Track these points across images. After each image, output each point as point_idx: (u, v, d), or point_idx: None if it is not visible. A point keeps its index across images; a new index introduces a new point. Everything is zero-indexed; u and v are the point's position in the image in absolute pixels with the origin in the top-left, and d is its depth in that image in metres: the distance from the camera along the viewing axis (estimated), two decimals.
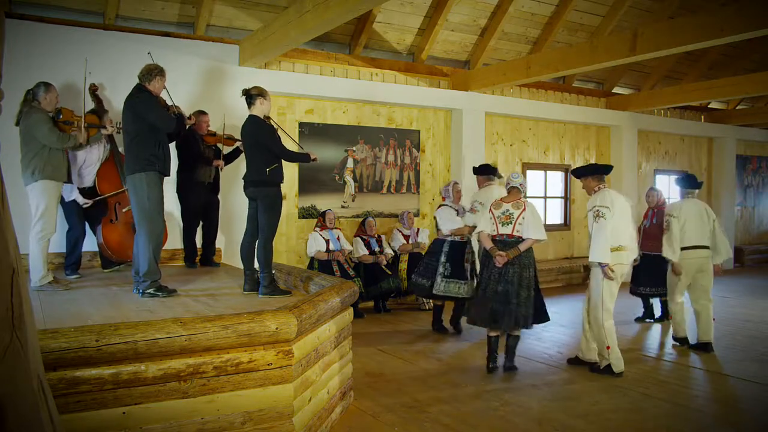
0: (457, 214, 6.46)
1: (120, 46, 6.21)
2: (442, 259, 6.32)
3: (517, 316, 4.98)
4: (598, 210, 4.99)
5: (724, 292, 9.48)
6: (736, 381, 4.98)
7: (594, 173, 5.25)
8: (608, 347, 5.04)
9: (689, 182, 6.20)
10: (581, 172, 5.38)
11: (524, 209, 5.11)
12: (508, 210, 5.14)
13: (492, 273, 5.06)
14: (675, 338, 6.14)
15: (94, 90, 5.86)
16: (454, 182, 6.75)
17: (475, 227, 5.81)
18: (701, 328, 5.95)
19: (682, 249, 5.87)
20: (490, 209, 5.22)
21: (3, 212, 1.36)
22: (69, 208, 5.57)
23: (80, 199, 5.58)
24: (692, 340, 6.04)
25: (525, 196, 5.26)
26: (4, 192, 1.39)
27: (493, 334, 5.18)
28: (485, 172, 6.62)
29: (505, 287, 4.98)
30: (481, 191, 6.53)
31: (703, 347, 5.88)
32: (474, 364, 5.42)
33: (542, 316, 5.28)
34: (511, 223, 5.09)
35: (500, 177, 6.71)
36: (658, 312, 7.30)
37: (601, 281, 5.01)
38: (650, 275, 6.78)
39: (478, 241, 5.28)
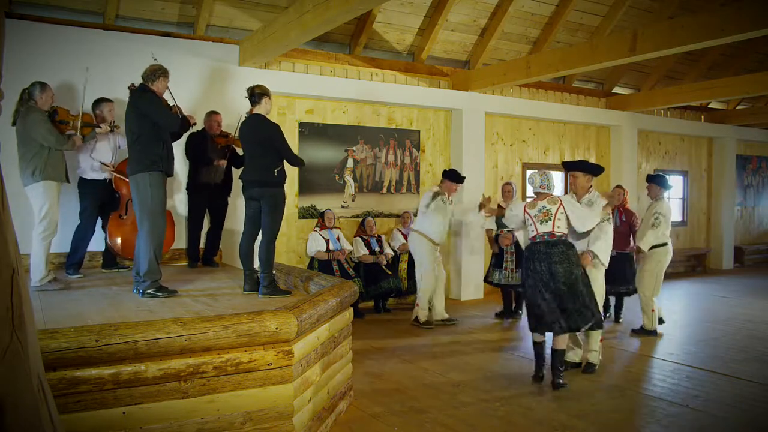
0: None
1: (120, 46, 6.21)
2: None
3: (575, 317, 4.68)
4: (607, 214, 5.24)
5: (724, 292, 9.49)
6: (736, 381, 4.98)
7: (590, 172, 5.29)
8: (602, 339, 5.34)
9: (667, 183, 6.66)
10: (575, 167, 5.37)
11: (560, 204, 4.83)
12: (544, 207, 4.83)
13: (543, 275, 4.70)
14: (648, 330, 6.53)
15: (131, 89, 5.75)
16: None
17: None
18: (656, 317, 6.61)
19: (661, 245, 6.46)
20: (525, 210, 4.91)
21: (3, 212, 1.36)
22: (85, 206, 5.57)
23: (98, 165, 5.54)
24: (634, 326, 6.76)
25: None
26: (4, 192, 1.38)
27: (538, 340, 4.92)
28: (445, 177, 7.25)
29: (558, 288, 4.65)
30: None
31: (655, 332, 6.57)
32: (474, 364, 5.42)
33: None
34: (550, 220, 4.77)
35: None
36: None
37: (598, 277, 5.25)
38: (624, 274, 6.88)
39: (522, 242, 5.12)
